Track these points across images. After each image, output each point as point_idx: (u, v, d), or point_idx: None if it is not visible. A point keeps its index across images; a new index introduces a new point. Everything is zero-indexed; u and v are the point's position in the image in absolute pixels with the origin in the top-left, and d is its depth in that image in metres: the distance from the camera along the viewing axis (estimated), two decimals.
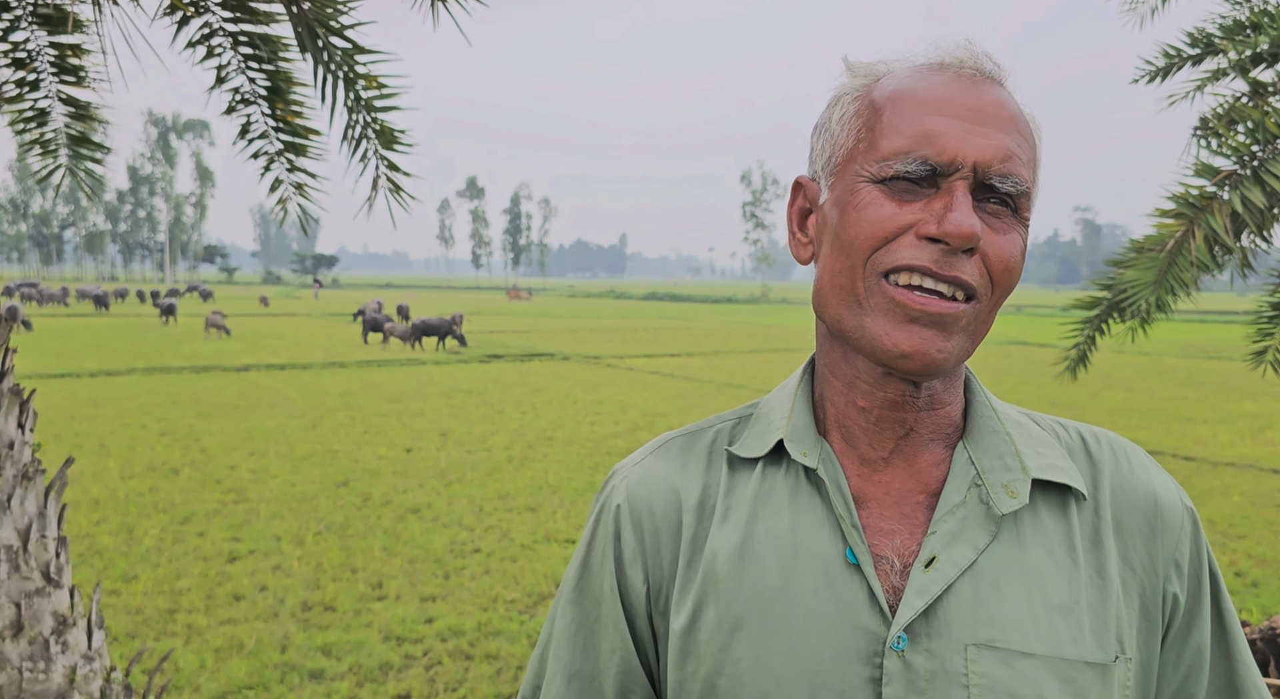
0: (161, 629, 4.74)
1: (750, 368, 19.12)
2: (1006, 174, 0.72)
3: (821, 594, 0.74)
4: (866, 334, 0.73)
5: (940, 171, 0.71)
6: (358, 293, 73.94)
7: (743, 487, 0.81)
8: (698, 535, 0.81)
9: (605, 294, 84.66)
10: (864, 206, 0.73)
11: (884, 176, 0.73)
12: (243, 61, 2.77)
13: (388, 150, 2.88)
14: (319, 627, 4.82)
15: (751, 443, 0.83)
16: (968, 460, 0.78)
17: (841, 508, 0.76)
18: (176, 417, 11.43)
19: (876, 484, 0.79)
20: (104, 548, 6.04)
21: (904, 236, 0.72)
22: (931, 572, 0.73)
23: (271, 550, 6.07)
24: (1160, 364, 21.22)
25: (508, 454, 9.43)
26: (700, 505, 0.82)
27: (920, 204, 0.72)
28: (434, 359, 20.07)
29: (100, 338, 24.09)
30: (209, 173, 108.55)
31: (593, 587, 0.84)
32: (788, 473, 0.81)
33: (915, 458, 0.79)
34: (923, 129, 0.72)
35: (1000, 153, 0.71)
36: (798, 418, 0.82)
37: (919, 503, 0.78)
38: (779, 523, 0.78)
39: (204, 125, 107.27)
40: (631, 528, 0.83)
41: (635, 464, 0.87)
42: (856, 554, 0.74)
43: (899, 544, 0.76)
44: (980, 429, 0.80)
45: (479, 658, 4.48)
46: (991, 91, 0.74)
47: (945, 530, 0.75)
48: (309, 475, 8.29)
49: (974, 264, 0.71)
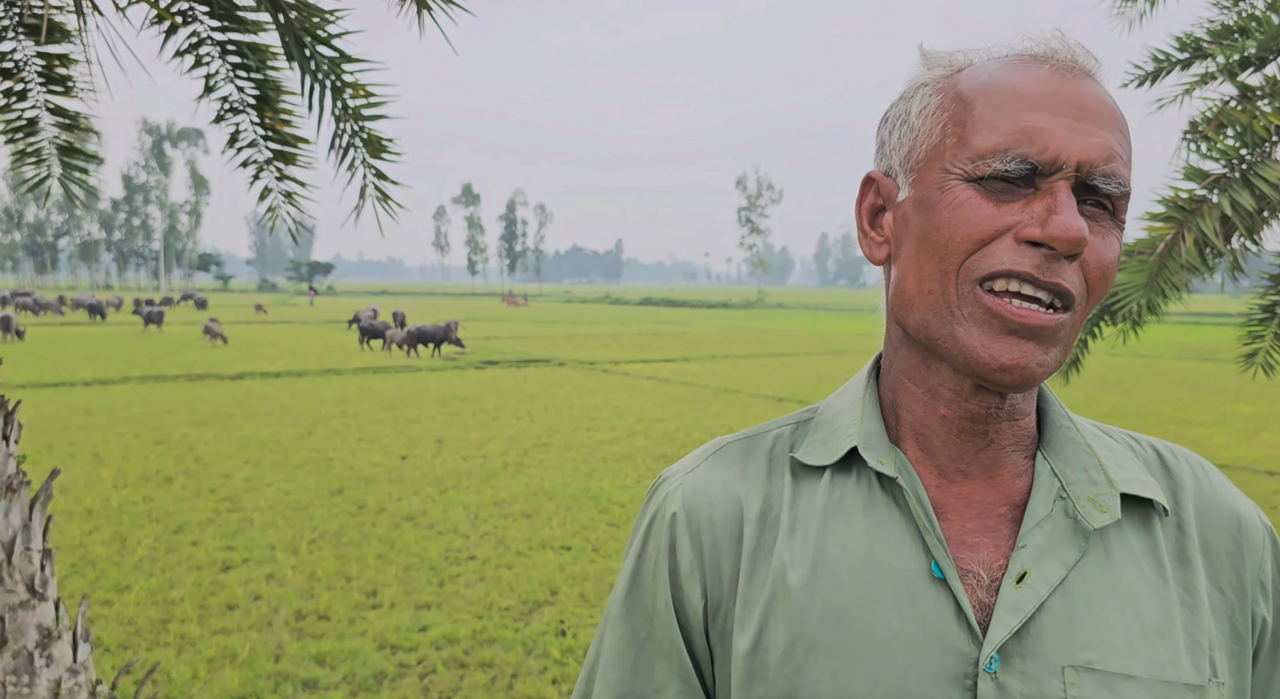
0: (154, 639, 4.72)
1: (746, 372, 19.12)
2: (1110, 174, 0.68)
3: (906, 612, 0.70)
4: (959, 344, 0.69)
5: (1041, 171, 0.67)
6: (353, 300, 73.90)
7: (810, 496, 0.77)
8: (760, 548, 0.76)
9: (601, 299, 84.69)
10: (957, 207, 0.69)
11: (979, 175, 0.68)
12: (231, 70, 2.77)
13: (375, 159, 2.87)
14: (313, 636, 4.80)
15: (817, 450, 0.79)
16: (1051, 472, 0.75)
17: (924, 519, 0.72)
18: (171, 425, 11.40)
19: (956, 495, 0.75)
20: (97, 558, 6.02)
21: (1001, 240, 0.67)
22: (1024, 588, 0.69)
23: (265, 559, 6.05)
24: (1156, 366, 21.26)
25: (503, 460, 9.41)
26: (763, 516, 0.77)
27: (1019, 205, 0.67)
28: (430, 366, 20.04)
29: (95, 347, 24.03)
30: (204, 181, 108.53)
31: (644, 601, 0.79)
32: (859, 482, 0.76)
33: (996, 469, 0.75)
34: (1023, 125, 0.67)
35: (1105, 151, 0.67)
36: (869, 424, 0.78)
37: (1002, 515, 0.74)
38: (853, 535, 0.74)
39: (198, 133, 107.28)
40: (689, 539, 0.78)
41: (689, 471, 0.82)
42: (943, 568, 0.70)
43: (984, 558, 0.71)
44: (1060, 440, 0.77)
45: (474, 666, 4.46)
46: (1090, 86, 0.70)
47: (1034, 544, 0.71)
48: (304, 483, 8.27)
49: (1074, 270, 0.68)
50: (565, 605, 5.29)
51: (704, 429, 11.52)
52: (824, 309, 66.72)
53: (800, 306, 71.80)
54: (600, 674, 0.80)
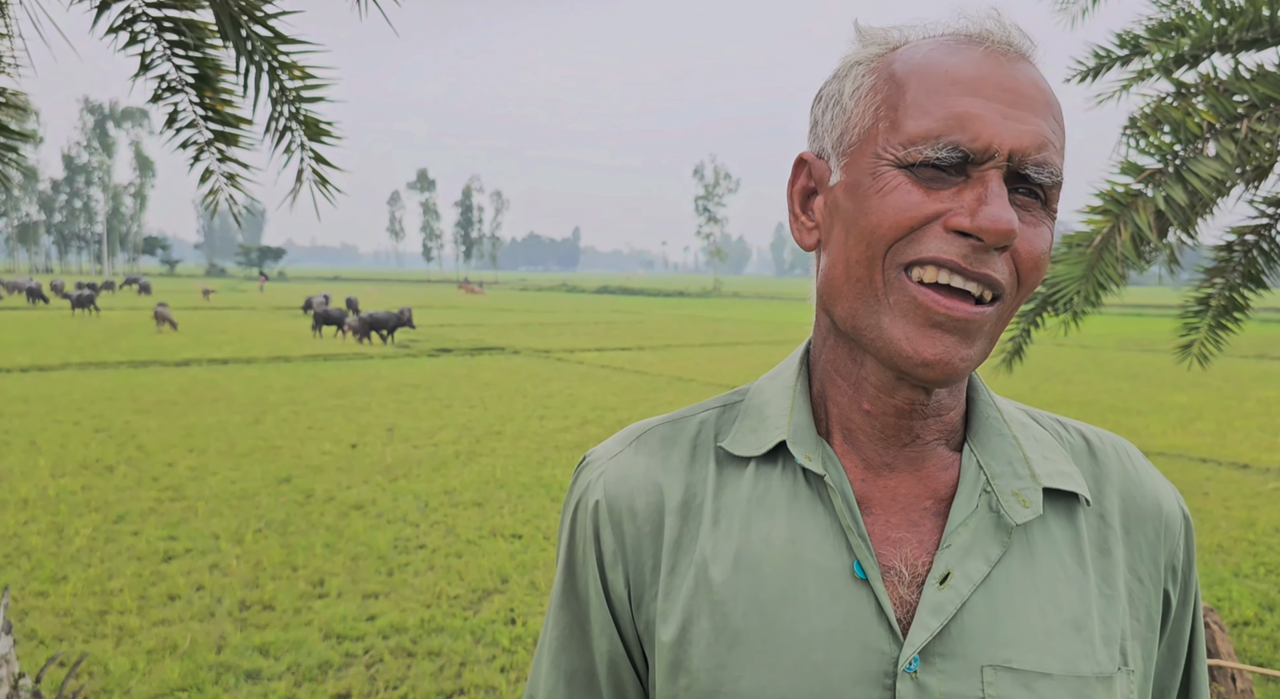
0: (91, 631, 4.61)
1: (700, 362, 19.20)
2: (1043, 163, 0.66)
3: (827, 610, 0.69)
4: (884, 335, 0.68)
5: (973, 159, 0.65)
6: (305, 286, 72.65)
7: (734, 487, 0.76)
8: (683, 539, 0.75)
9: (557, 288, 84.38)
10: (888, 193, 0.66)
11: (911, 162, 0.66)
12: (168, 48, 2.69)
13: (314, 142, 2.82)
14: (257, 626, 4.73)
15: (745, 439, 0.77)
16: (976, 466, 0.74)
17: (847, 517, 0.71)
18: (112, 413, 11.11)
19: (881, 489, 0.74)
20: (32, 548, 5.86)
21: (930, 227, 0.66)
22: (946, 588, 0.69)
23: (209, 549, 5.94)
24: (1098, 357, 21.81)
25: (455, 449, 9.35)
26: (685, 505, 0.76)
27: (949, 193, 0.66)
28: (381, 353, 19.80)
29: (32, 331, 23.31)
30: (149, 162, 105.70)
31: (579, 588, 0.79)
32: (784, 474, 0.75)
33: (922, 462, 0.75)
34: (955, 111, 0.65)
35: (1037, 140, 0.65)
36: (798, 417, 0.76)
37: (926, 509, 0.73)
38: (777, 529, 0.72)
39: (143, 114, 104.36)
40: (611, 529, 0.77)
41: (612, 456, 0.81)
42: (865, 568, 0.70)
43: (907, 554, 0.71)
44: (986, 431, 0.76)
45: (421, 655, 4.44)
46: (1025, 70, 0.68)
47: (959, 544, 0.70)
48: (250, 472, 8.13)
49: (1004, 261, 0.66)
50: (515, 594, 5.28)
51: None
52: (780, 299, 67.25)
53: (756, 296, 72.27)
54: (550, 661, 0.81)
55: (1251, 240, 4.49)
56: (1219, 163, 3.43)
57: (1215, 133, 3.48)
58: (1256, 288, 4.59)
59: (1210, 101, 3.54)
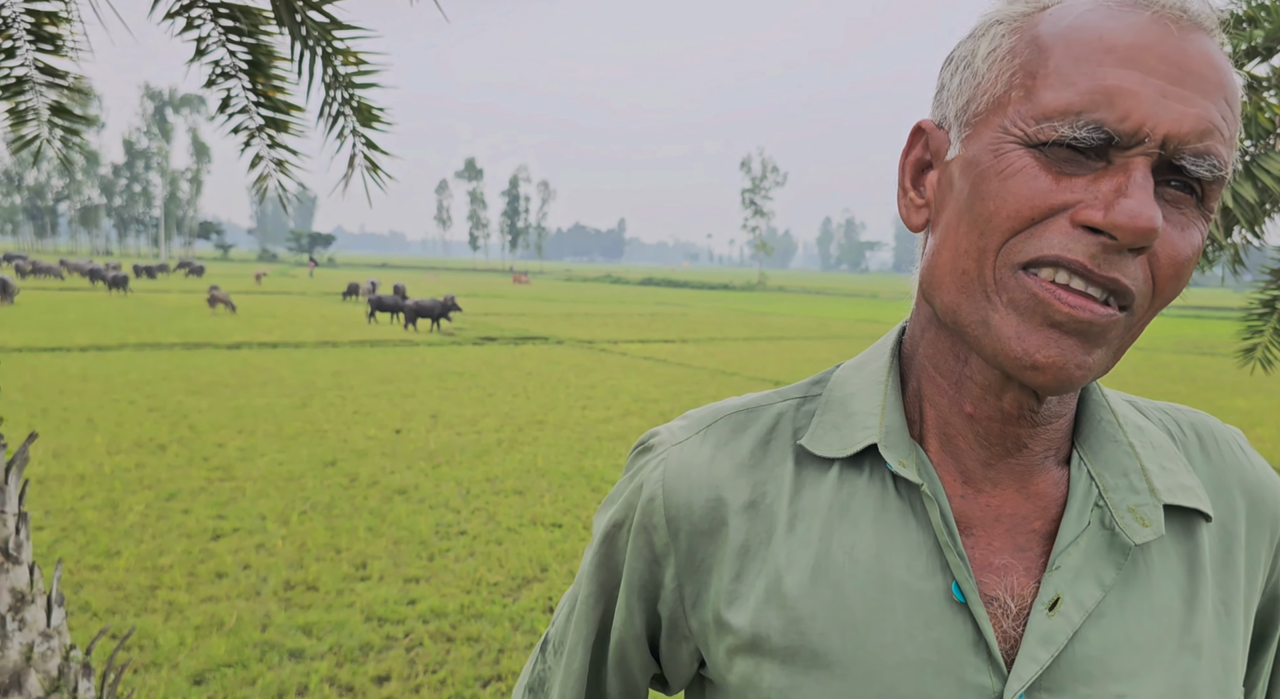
0: (142, 605, 4.73)
1: (744, 355, 19.11)
2: (1203, 153, 0.56)
3: (919, 637, 0.62)
4: (991, 333, 0.59)
5: (1118, 143, 0.55)
6: (353, 272, 73.75)
7: (814, 490, 0.68)
8: (751, 542, 0.68)
9: (602, 279, 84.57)
10: (1009, 175, 0.58)
11: (1042, 140, 0.57)
12: (223, 34, 2.72)
13: (366, 128, 2.84)
14: (300, 606, 4.81)
15: (828, 438, 0.70)
16: (1088, 477, 0.66)
17: (944, 533, 0.63)
18: (166, 393, 11.39)
19: (983, 508, 0.66)
20: (87, 523, 6.02)
21: (1055, 220, 0.57)
22: (1056, 615, 0.62)
23: (256, 529, 6.05)
24: (1154, 359, 21.26)
25: (497, 437, 9.41)
26: (753, 505, 0.69)
27: (1084, 181, 0.56)
28: (427, 341, 20.02)
29: (92, 312, 23.99)
30: (205, 148, 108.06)
31: (614, 564, 0.76)
32: (872, 479, 0.67)
33: (1029, 478, 0.67)
34: (1104, 83, 0.55)
35: (1200, 124, 0.55)
36: (891, 417, 0.68)
37: (1034, 532, 0.66)
38: (861, 542, 0.65)
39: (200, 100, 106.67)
40: (666, 524, 0.71)
41: (677, 443, 0.74)
42: (964, 591, 0.62)
43: (1012, 584, 0.64)
44: (1099, 437, 0.68)
45: (460, 640, 4.47)
46: (1199, 42, 0.57)
47: (1069, 565, 0.63)
48: (296, 455, 8.27)
49: (1139, 265, 0.57)
50: (554, 582, 5.30)
51: None
52: (825, 293, 66.66)
53: (801, 290, 71.72)
54: (575, 622, 0.80)
55: None
56: None
57: None
58: None
59: None
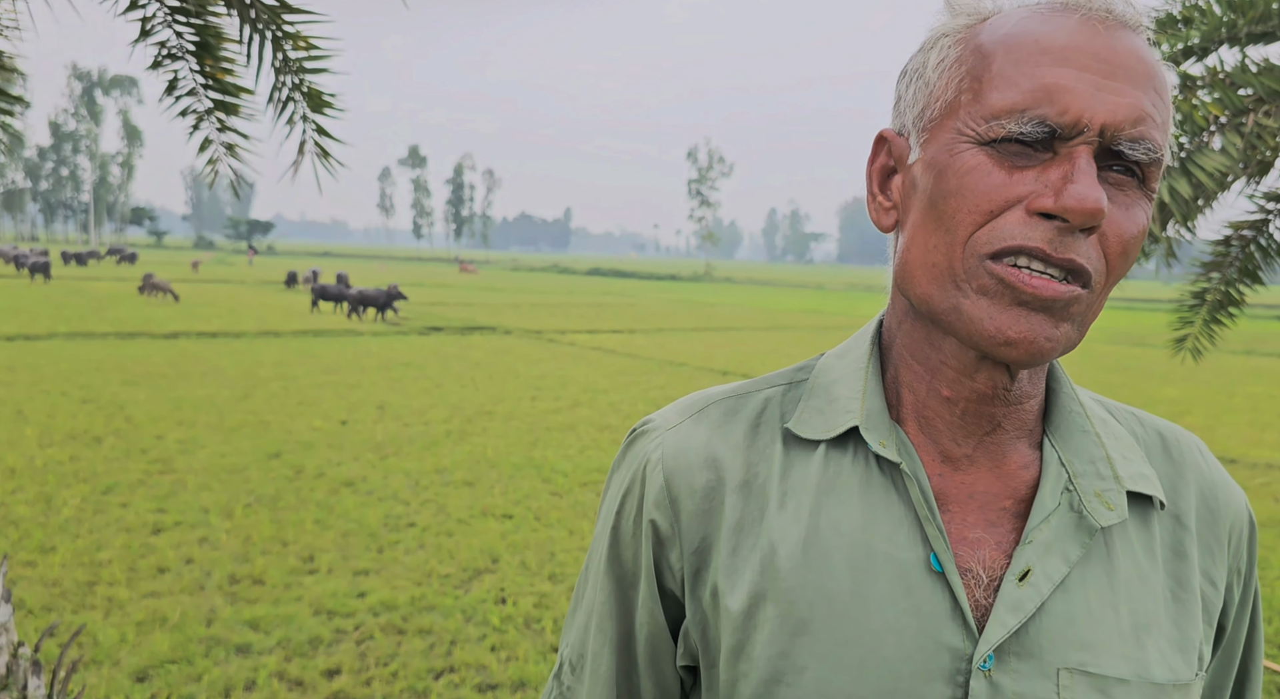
0: (80, 602, 4.60)
1: (693, 345, 19.21)
2: (1138, 138, 0.61)
3: (900, 603, 0.67)
4: (964, 317, 0.64)
5: (1060, 134, 0.61)
6: (294, 261, 72.22)
7: (802, 469, 0.73)
8: (745, 520, 0.72)
9: (549, 268, 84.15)
10: (966, 173, 0.63)
11: (992, 137, 0.62)
12: (169, 14, 2.64)
13: (316, 114, 2.78)
14: (247, 600, 4.72)
15: (813, 421, 0.74)
16: (1059, 462, 0.71)
17: (924, 508, 0.68)
18: (100, 384, 11.04)
19: (958, 485, 0.71)
20: (20, 518, 5.82)
21: (1012, 212, 0.62)
22: (1026, 586, 0.66)
23: (199, 523, 5.92)
24: (1088, 349, 21.93)
25: (446, 428, 9.33)
26: (746, 485, 0.73)
27: (1034, 172, 0.62)
28: (372, 330, 19.73)
29: (19, 300, 23.10)
30: (137, 132, 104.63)
31: (624, 558, 0.77)
32: (856, 459, 0.72)
33: (1002, 458, 0.71)
34: (1043, 82, 0.61)
35: (1133, 112, 0.61)
36: (871, 401, 0.73)
37: (1005, 509, 0.70)
38: (847, 517, 0.70)
39: (132, 82, 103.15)
40: (669, 504, 0.74)
41: (671, 427, 0.77)
42: (941, 561, 0.67)
43: (984, 556, 0.68)
44: (1069, 426, 0.73)
45: (411, 632, 4.44)
46: (1126, 39, 0.63)
47: (1040, 540, 0.68)
48: (239, 446, 8.09)
49: (1091, 245, 0.62)
50: (506, 573, 5.28)
51: (648, 401, 11.55)
52: (771, 284, 67.28)
53: (748, 281, 72.26)
54: (596, 626, 0.80)
55: (1249, 236, 4.50)
56: (1224, 156, 3.42)
57: (1221, 126, 3.47)
58: (1253, 284, 4.60)
59: (1217, 95, 3.53)
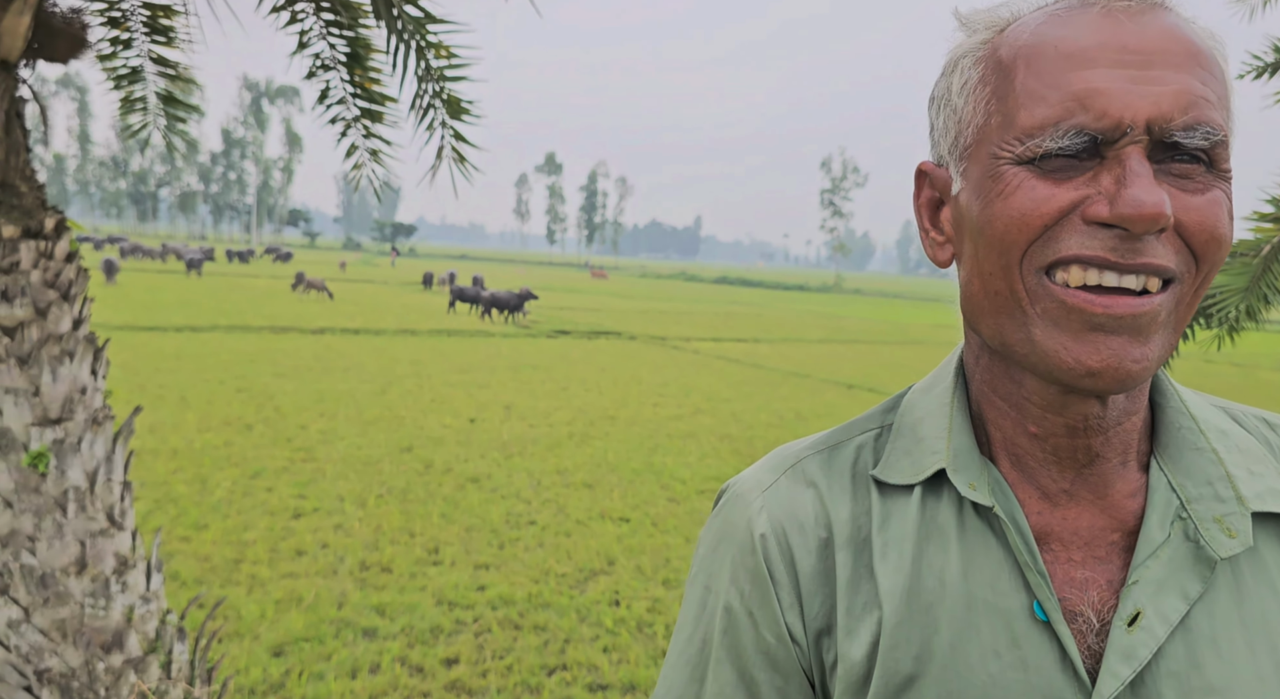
0: (227, 577, 4.92)
1: (818, 357, 18.88)
2: (1194, 125, 0.56)
3: (1005, 656, 0.62)
4: (1038, 350, 0.59)
5: (1105, 139, 0.56)
6: (434, 262, 75.30)
7: (900, 518, 0.68)
8: (856, 576, 0.68)
9: (677, 276, 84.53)
10: (1009, 193, 0.59)
11: (1030, 156, 0.58)
12: (324, 27, 2.82)
13: (455, 120, 2.90)
14: (375, 587, 4.94)
15: (901, 465, 0.70)
16: (1168, 486, 0.65)
17: (1024, 552, 0.63)
18: (253, 374, 11.82)
19: (1060, 520, 0.66)
20: (178, 496, 6.29)
21: (1067, 220, 0.57)
22: (1137, 630, 0.61)
23: (335, 510, 6.24)
24: (1253, 376, 20.27)
25: (569, 430, 9.50)
26: (852, 540, 0.69)
27: (1084, 178, 0.57)
28: (503, 332, 20.33)
29: (188, 294, 25.03)
30: (298, 138, 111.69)
31: (744, 637, 0.70)
32: (949, 501, 0.67)
33: (1106, 489, 0.66)
34: (1072, 89, 0.56)
35: (1181, 100, 0.55)
36: (959, 439, 0.68)
37: (1114, 544, 0.65)
38: (948, 565, 0.65)
39: (294, 91, 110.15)
40: (784, 567, 0.69)
41: (768, 488, 0.73)
42: (1045, 609, 0.63)
43: (1094, 598, 0.64)
44: (1179, 445, 0.66)
45: (527, 628, 4.54)
46: (1157, 20, 0.57)
47: (1149, 578, 0.62)
48: (375, 439, 8.49)
49: (1166, 241, 0.56)
50: (621, 576, 5.33)
51: (770, 411, 11.43)
52: (903, 297, 65.36)
53: (879, 294, 70.46)
54: None
55: None
56: None
57: None
58: None
59: None
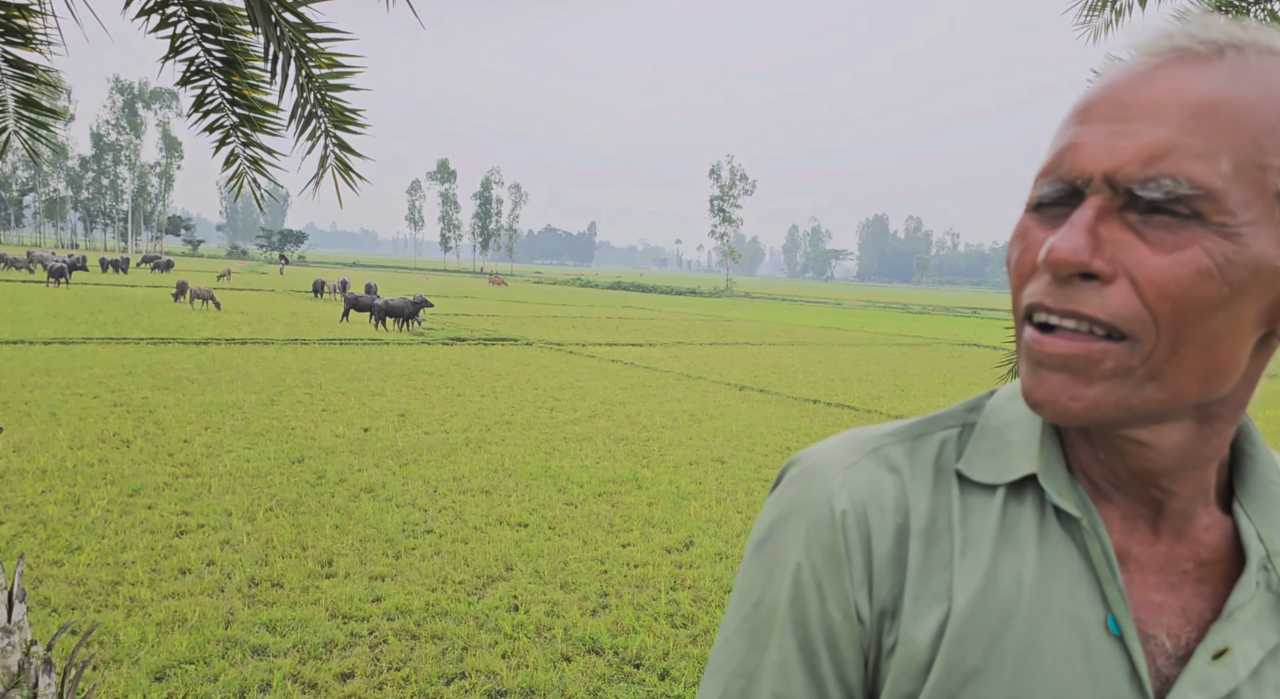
0: (103, 601, 4.71)
1: (710, 359, 19.23)
2: (1150, 178, 0.56)
3: (1077, 665, 0.63)
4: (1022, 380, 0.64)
5: (1078, 189, 0.59)
6: (324, 270, 73.07)
7: (981, 515, 0.69)
8: (928, 565, 0.68)
9: (572, 282, 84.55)
10: (1016, 238, 0.64)
11: (1033, 203, 0.63)
12: (198, 32, 2.75)
13: (339, 129, 2.88)
14: (265, 603, 4.82)
15: (984, 464, 0.70)
16: (1255, 535, 0.66)
17: (1105, 568, 0.64)
18: (131, 388, 11.27)
19: (1138, 544, 0.67)
20: (49, 518, 5.97)
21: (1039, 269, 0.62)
22: (1221, 665, 0.62)
23: (221, 525, 6.04)
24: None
25: (465, 437, 9.43)
26: (928, 529, 0.69)
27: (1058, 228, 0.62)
28: (396, 340, 19.94)
29: (57, 306, 23.59)
30: (176, 143, 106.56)
31: (810, 609, 0.70)
32: (1033, 508, 0.68)
33: (1184, 520, 0.67)
34: (1067, 141, 0.60)
35: (1143, 153, 0.56)
36: (1049, 449, 0.69)
37: (1187, 573, 0.66)
38: (1026, 568, 0.66)
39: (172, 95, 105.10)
40: (860, 547, 0.69)
41: (850, 466, 0.72)
42: (1120, 624, 0.63)
43: (1169, 622, 0.64)
44: (1267, 496, 0.68)
45: (425, 638, 4.51)
46: (1172, 72, 0.58)
47: (1243, 620, 0.63)
48: (264, 451, 8.24)
49: (1113, 293, 0.58)
50: (519, 581, 5.34)
51: (664, 413, 11.59)
52: (790, 300, 67.10)
53: (768, 297, 72.11)
54: (770, 691, 0.70)
55: None
56: None
57: None
58: None
59: None
